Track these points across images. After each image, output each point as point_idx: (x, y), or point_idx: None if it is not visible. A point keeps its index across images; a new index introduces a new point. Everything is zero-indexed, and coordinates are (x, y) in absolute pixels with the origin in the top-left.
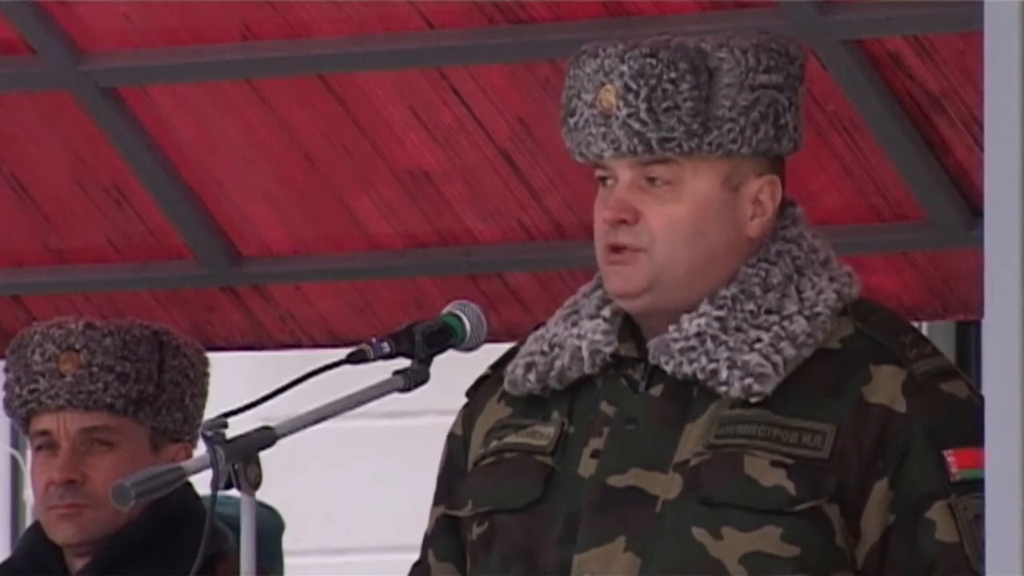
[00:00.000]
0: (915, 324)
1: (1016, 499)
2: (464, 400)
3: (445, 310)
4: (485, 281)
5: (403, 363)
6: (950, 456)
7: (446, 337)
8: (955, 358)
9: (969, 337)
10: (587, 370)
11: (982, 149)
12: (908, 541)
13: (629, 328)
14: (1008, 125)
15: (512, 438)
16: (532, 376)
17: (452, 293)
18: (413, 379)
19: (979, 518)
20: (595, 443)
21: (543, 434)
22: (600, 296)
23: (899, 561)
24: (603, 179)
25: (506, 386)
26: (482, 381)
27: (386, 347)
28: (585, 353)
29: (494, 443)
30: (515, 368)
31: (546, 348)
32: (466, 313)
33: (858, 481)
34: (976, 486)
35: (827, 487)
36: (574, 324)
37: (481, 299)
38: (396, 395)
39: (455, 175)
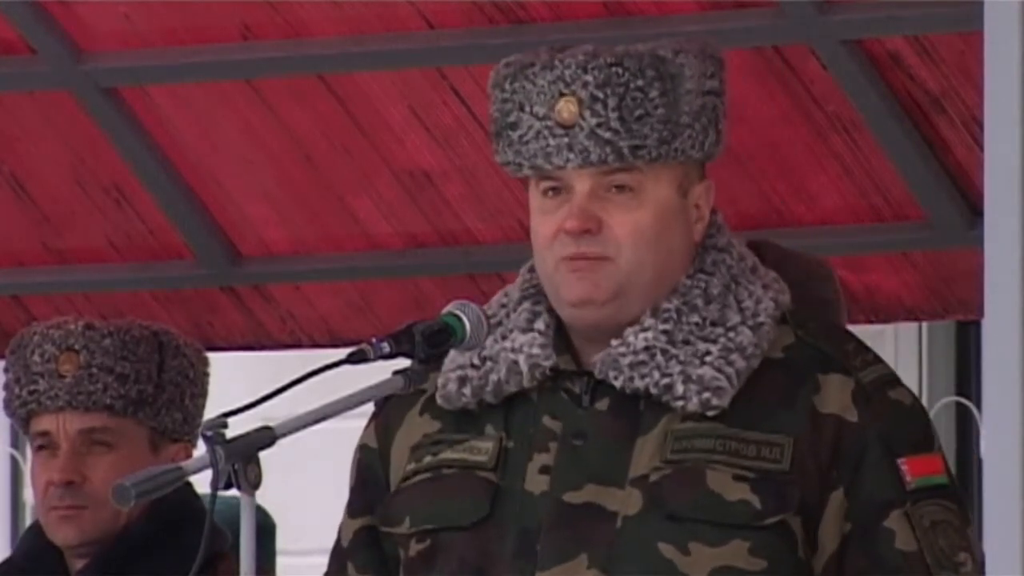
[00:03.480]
0: (914, 324)
1: (1016, 499)
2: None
3: (445, 310)
4: (485, 281)
5: (403, 363)
6: (904, 464)
7: (446, 337)
8: (955, 358)
9: (969, 337)
10: (526, 384)
11: (982, 149)
12: (868, 551)
13: (564, 341)
14: (1008, 125)
15: (448, 454)
16: (467, 390)
17: (452, 293)
18: (413, 379)
19: (935, 524)
20: (543, 459)
21: (481, 449)
22: (529, 309)
23: (860, 571)
24: (550, 190)
25: (438, 400)
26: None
27: (386, 347)
28: (524, 367)
29: (428, 459)
30: (447, 383)
31: (476, 362)
32: (466, 313)
33: (816, 492)
34: (930, 493)
35: (792, 500)
36: (504, 337)
37: (481, 299)
38: None
39: (455, 175)
